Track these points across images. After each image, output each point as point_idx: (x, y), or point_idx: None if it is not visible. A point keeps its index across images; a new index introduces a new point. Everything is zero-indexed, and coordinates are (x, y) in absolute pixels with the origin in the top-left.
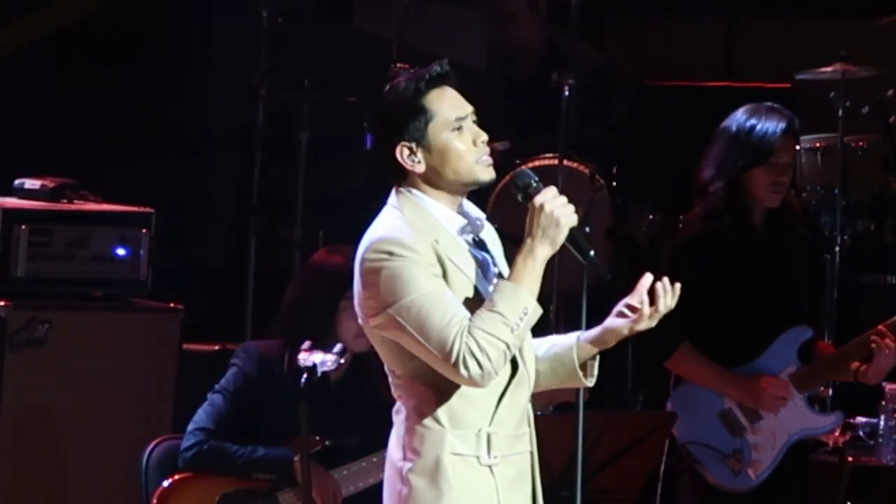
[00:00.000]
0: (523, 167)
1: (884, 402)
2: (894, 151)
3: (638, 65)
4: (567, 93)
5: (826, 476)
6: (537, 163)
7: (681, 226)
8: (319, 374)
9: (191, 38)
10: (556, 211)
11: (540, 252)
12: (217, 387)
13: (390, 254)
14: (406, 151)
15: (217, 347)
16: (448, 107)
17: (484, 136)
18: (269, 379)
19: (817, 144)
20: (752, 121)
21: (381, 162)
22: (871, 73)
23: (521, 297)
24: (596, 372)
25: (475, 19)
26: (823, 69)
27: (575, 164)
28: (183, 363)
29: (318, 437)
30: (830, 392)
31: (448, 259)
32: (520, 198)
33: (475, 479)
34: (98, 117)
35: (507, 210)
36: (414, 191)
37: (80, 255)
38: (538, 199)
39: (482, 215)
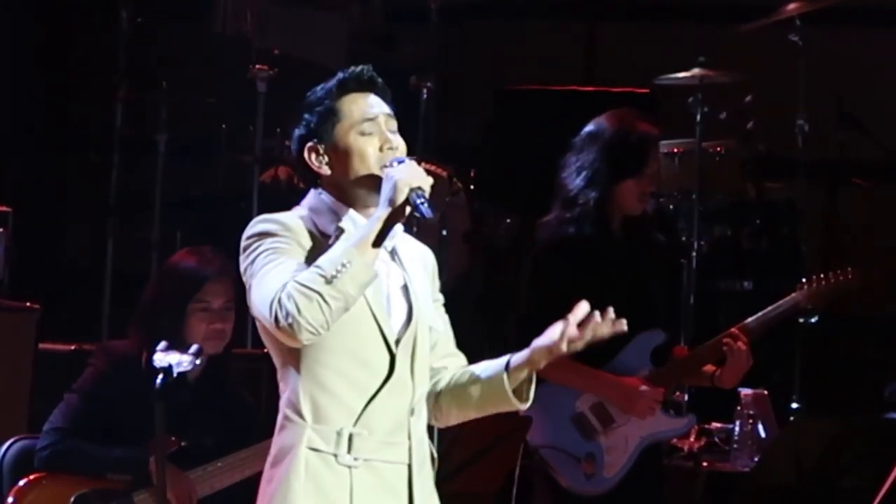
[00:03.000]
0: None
1: (739, 408)
2: (752, 157)
3: (497, 68)
4: (425, 95)
5: (681, 481)
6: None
7: (537, 230)
8: (175, 375)
9: (51, 37)
10: (394, 172)
11: (376, 211)
12: (73, 386)
13: (259, 234)
14: (313, 154)
15: (73, 347)
16: (357, 108)
17: (393, 143)
18: (126, 379)
19: (675, 149)
20: (625, 130)
21: (297, 163)
22: (729, 78)
23: (342, 252)
24: (531, 396)
25: (334, 21)
26: (682, 74)
27: (433, 167)
28: (39, 362)
29: (173, 438)
30: (686, 398)
31: None
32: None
33: (328, 477)
34: None
35: None
36: (324, 193)
37: None
38: (386, 170)
39: (399, 228)
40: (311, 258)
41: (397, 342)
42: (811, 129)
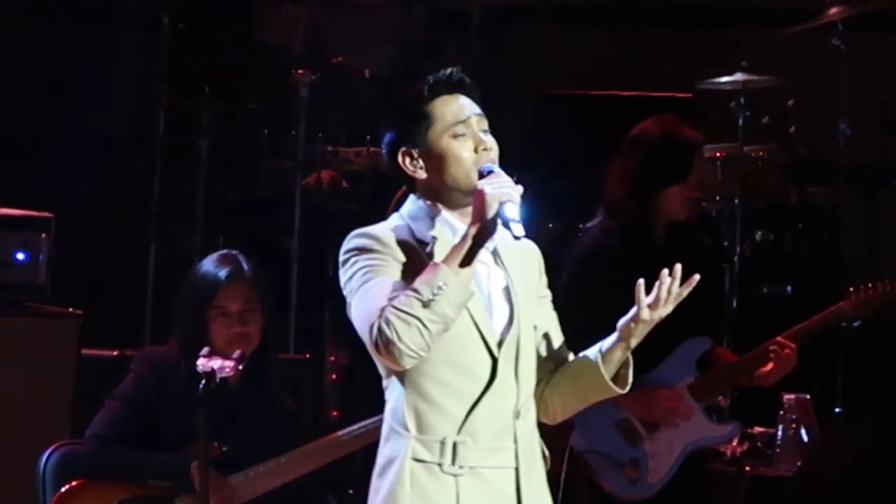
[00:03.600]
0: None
1: (782, 413)
2: (794, 162)
3: (538, 73)
4: None
5: (724, 486)
6: None
7: (580, 235)
8: (218, 380)
9: (93, 43)
10: (485, 187)
11: (470, 229)
12: (114, 393)
13: (355, 249)
14: (408, 158)
15: (116, 353)
16: (450, 111)
17: (487, 144)
18: (167, 385)
19: (717, 154)
20: (669, 137)
21: (393, 169)
22: (771, 83)
23: (438, 273)
24: (630, 379)
25: (378, 27)
26: (724, 79)
27: None
28: (81, 368)
29: (215, 443)
30: (728, 403)
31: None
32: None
33: (434, 486)
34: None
35: None
36: (421, 199)
37: None
38: (476, 184)
39: (500, 229)
40: (409, 269)
41: (499, 345)
42: (853, 134)
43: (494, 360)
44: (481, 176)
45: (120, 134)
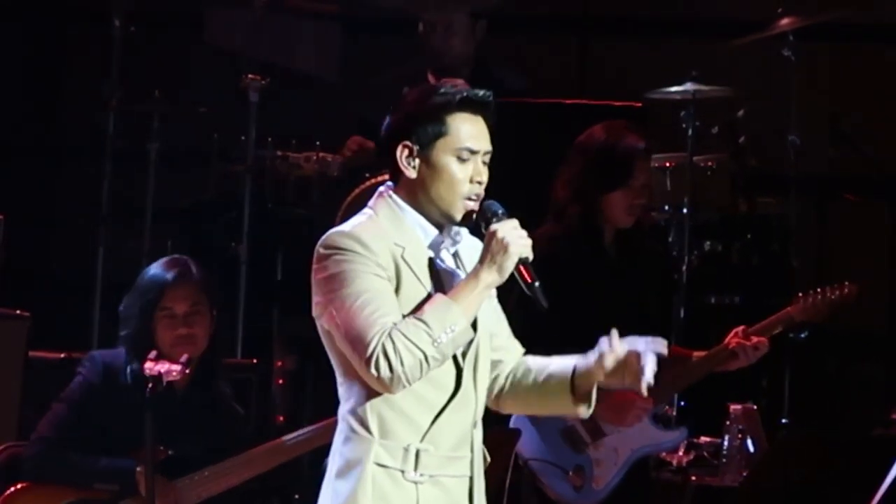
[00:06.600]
0: (491, 200)
1: (728, 423)
2: (743, 172)
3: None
4: None
5: (669, 495)
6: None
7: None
8: (165, 384)
9: (44, 45)
10: (508, 238)
11: (484, 276)
12: (61, 395)
13: (341, 249)
14: (406, 152)
15: (63, 355)
16: (466, 133)
17: (483, 178)
18: (114, 388)
19: (666, 164)
20: (611, 142)
21: (385, 154)
22: (721, 93)
23: (451, 313)
24: (594, 401)
25: (330, 32)
26: (674, 89)
27: None
28: (29, 370)
29: (160, 447)
30: (675, 411)
31: (409, 268)
32: (483, 227)
33: (395, 493)
34: None
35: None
36: (395, 197)
37: None
38: (493, 226)
39: (463, 230)
40: (390, 275)
41: (464, 356)
42: (803, 145)
43: (459, 371)
44: (484, 212)
45: (70, 136)
